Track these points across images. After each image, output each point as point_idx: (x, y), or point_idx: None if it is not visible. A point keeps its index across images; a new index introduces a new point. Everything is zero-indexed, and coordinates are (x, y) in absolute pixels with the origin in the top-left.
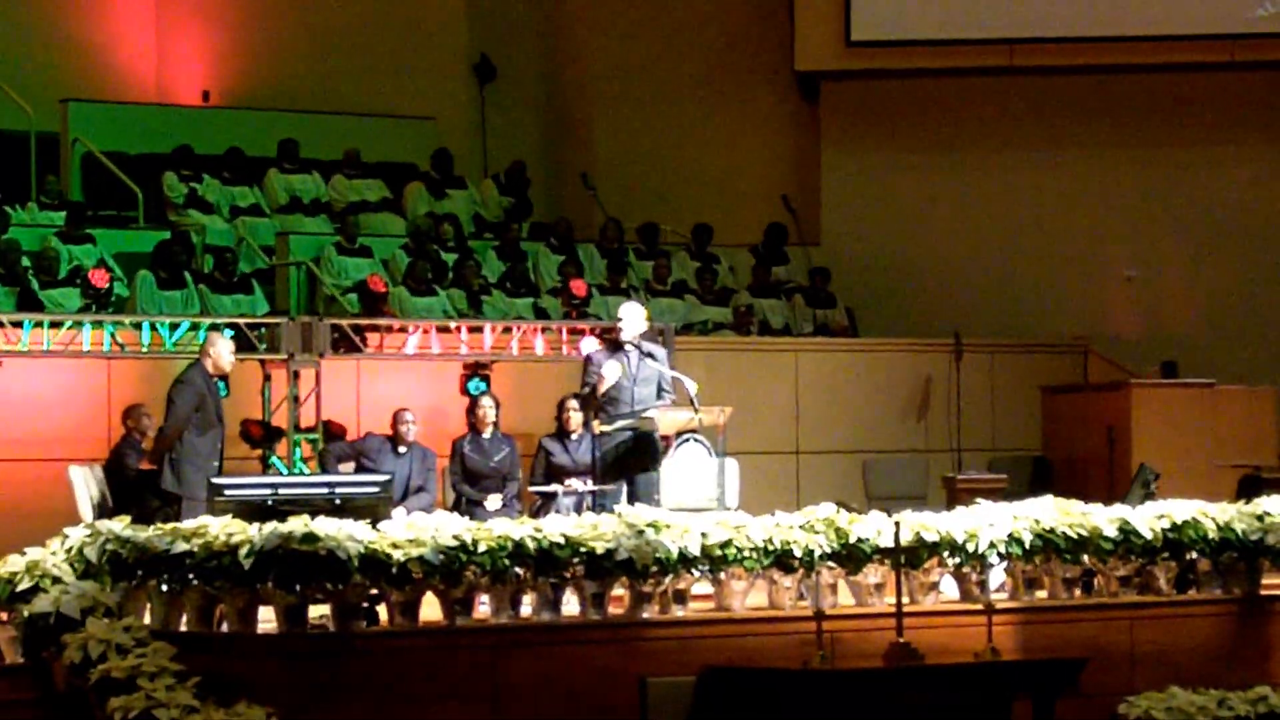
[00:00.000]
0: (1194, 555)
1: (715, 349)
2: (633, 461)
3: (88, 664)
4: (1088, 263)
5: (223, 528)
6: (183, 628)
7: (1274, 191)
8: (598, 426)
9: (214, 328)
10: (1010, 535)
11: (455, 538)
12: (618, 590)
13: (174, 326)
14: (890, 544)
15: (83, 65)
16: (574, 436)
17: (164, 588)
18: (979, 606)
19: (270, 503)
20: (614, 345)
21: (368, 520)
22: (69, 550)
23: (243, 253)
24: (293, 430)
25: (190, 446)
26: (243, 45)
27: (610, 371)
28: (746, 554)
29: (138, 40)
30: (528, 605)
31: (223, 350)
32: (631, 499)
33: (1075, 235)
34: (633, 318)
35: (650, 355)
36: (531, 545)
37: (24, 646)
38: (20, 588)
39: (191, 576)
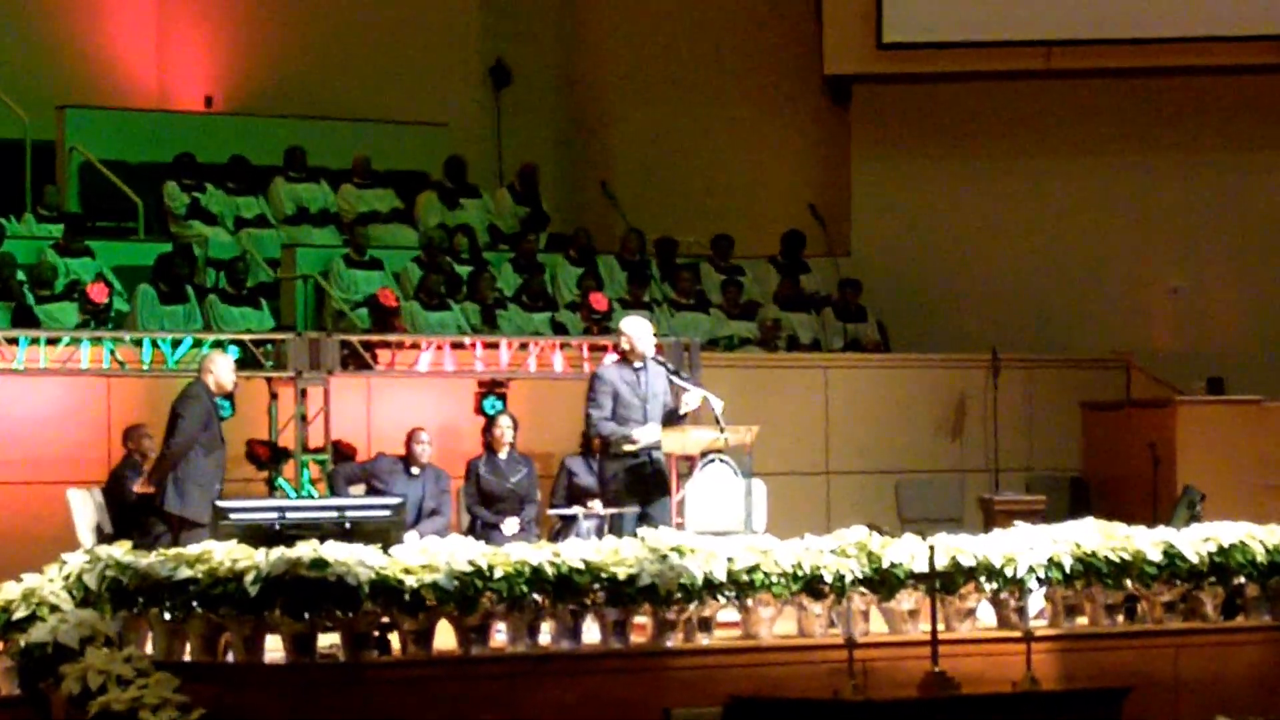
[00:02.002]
0: (1242, 580)
1: (741, 365)
2: (641, 487)
3: (87, 696)
4: (1130, 274)
5: (228, 553)
6: (186, 657)
7: None
8: (618, 444)
9: (217, 345)
10: (1049, 559)
11: (470, 563)
12: (640, 618)
13: (176, 343)
14: (924, 569)
15: (80, 70)
16: (589, 456)
17: (166, 616)
18: (1017, 634)
19: (277, 527)
20: (627, 361)
21: (379, 545)
22: (67, 577)
23: (252, 269)
24: (300, 451)
25: (196, 467)
26: (247, 49)
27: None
28: (774, 579)
29: (138, 44)
30: (546, 633)
31: (223, 369)
32: (644, 522)
33: (1117, 246)
34: (644, 332)
35: (667, 369)
36: (550, 571)
37: (20, 677)
38: (16, 616)
39: (195, 604)
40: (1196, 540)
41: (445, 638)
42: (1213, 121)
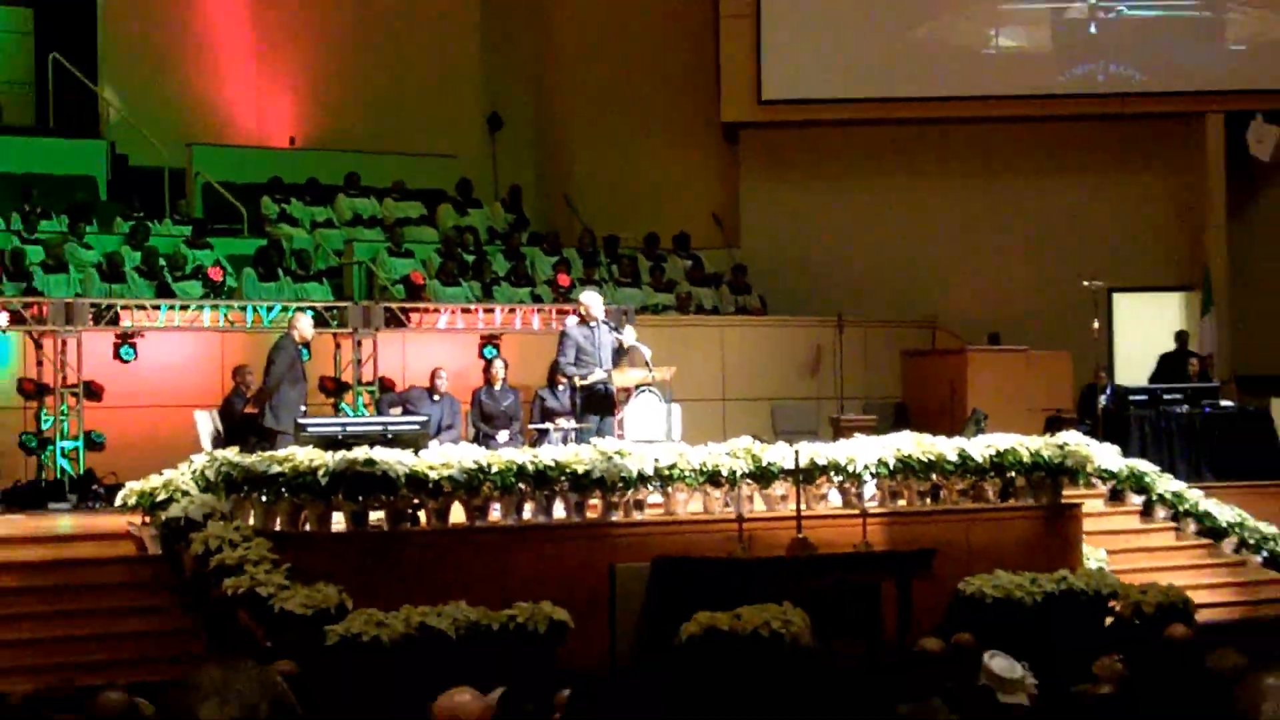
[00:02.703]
0: (1012, 474)
1: (663, 325)
2: (599, 407)
3: (208, 555)
4: (936, 262)
5: (306, 455)
6: (277, 528)
7: (1069, 214)
8: (578, 380)
9: (299, 309)
10: (879, 459)
11: (475, 462)
12: (593, 500)
13: (270, 309)
14: (792, 466)
15: (202, 117)
16: (560, 389)
17: (263, 499)
18: (856, 512)
19: (341, 437)
20: (584, 322)
21: (411, 449)
22: (194, 472)
23: (319, 256)
24: (356, 384)
25: (285, 396)
26: (318, 103)
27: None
28: (687, 473)
29: (242, 98)
30: (529, 511)
31: (304, 325)
32: (598, 434)
33: (927, 243)
34: (596, 302)
35: (610, 327)
36: (531, 468)
37: (162, 542)
38: (159, 499)
39: (283, 490)
40: (981, 447)
41: (458, 514)
42: (996, 156)
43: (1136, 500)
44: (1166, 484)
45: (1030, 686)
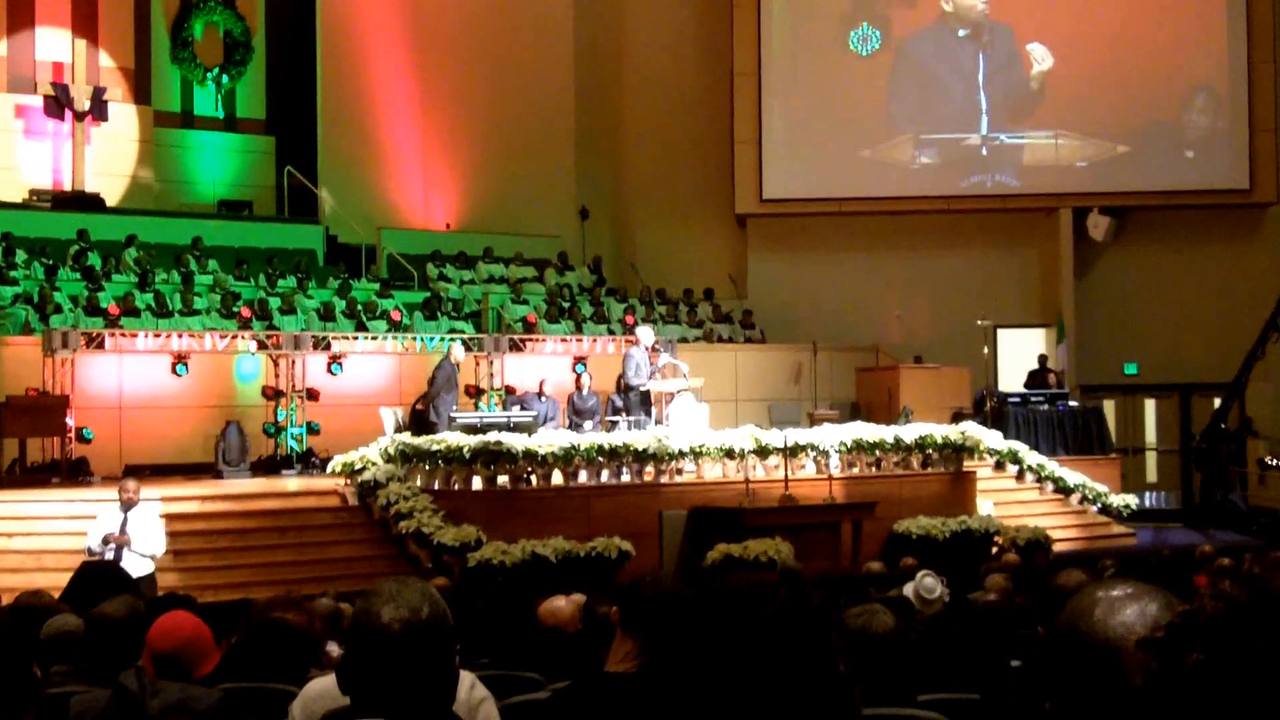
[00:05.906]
0: (930, 451)
1: (696, 350)
2: (645, 405)
3: (389, 505)
4: (879, 308)
5: (456, 438)
6: (435, 487)
7: (968, 276)
8: (640, 387)
9: (453, 340)
10: (840, 441)
11: (569, 443)
12: (649, 468)
13: (432, 339)
14: (782, 445)
15: (386, 209)
16: (631, 395)
17: (426, 467)
18: (825, 476)
19: (479, 425)
20: (640, 347)
21: (526, 433)
22: (380, 449)
23: (466, 303)
24: (490, 390)
25: (443, 399)
26: (464, 199)
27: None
28: (712, 450)
29: (413, 197)
30: (605, 475)
31: (457, 350)
32: (641, 425)
33: (873, 294)
34: (648, 335)
35: (658, 350)
36: (606, 446)
37: (358, 496)
38: (357, 467)
39: (440, 462)
40: (910, 432)
41: (557, 478)
42: (922, 235)
43: (1013, 469)
44: (1033, 457)
45: (945, 595)
